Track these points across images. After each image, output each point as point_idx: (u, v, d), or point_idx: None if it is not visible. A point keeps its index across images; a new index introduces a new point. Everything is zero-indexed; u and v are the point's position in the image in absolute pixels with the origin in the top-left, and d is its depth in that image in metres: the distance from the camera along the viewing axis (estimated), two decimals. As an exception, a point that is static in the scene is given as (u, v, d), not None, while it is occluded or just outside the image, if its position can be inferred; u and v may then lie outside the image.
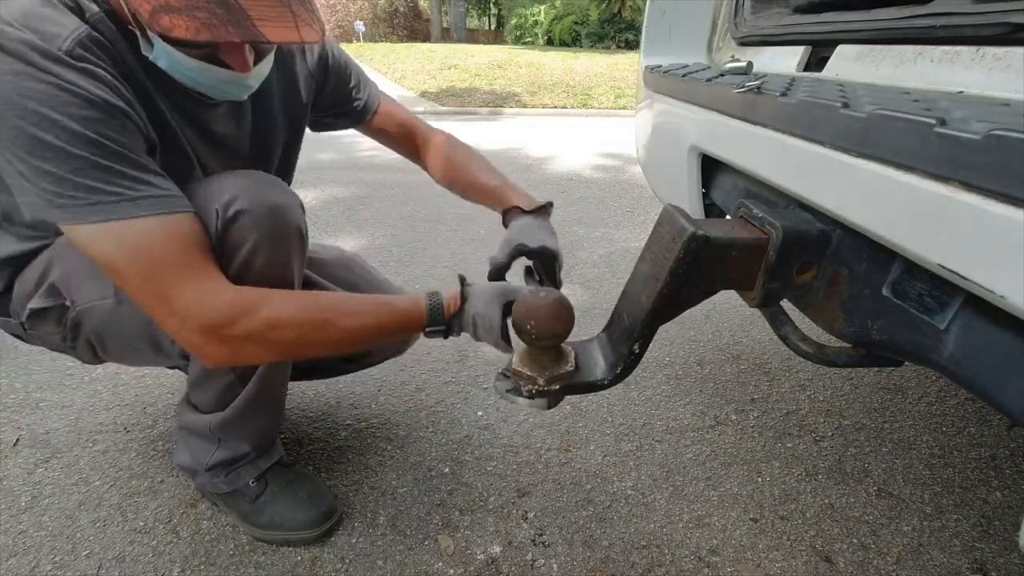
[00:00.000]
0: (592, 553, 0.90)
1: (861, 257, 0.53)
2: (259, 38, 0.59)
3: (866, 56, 0.70)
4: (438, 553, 0.89)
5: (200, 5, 0.56)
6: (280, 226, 0.72)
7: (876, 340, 0.52)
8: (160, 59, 0.64)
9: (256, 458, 0.90)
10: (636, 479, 1.05)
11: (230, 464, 0.89)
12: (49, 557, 0.86)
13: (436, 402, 1.25)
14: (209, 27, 0.56)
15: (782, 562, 0.89)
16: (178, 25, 0.56)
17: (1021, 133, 0.30)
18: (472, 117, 6.25)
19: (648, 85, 1.13)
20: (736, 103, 0.68)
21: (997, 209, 0.32)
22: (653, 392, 1.32)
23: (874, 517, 0.98)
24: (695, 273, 0.57)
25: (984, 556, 0.91)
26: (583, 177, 3.51)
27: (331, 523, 0.91)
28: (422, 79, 8.67)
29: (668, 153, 1.04)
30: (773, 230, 0.56)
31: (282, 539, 0.89)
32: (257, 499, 0.90)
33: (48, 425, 1.13)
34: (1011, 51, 0.50)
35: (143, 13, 0.57)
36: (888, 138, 0.41)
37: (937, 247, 0.38)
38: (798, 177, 0.56)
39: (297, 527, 0.89)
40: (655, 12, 1.21)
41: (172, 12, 0.56)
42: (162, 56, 0.63)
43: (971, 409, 1.27)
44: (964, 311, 0.42)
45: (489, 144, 4.51)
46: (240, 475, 0.89)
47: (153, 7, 0.56)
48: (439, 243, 2.27)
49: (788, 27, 0.89)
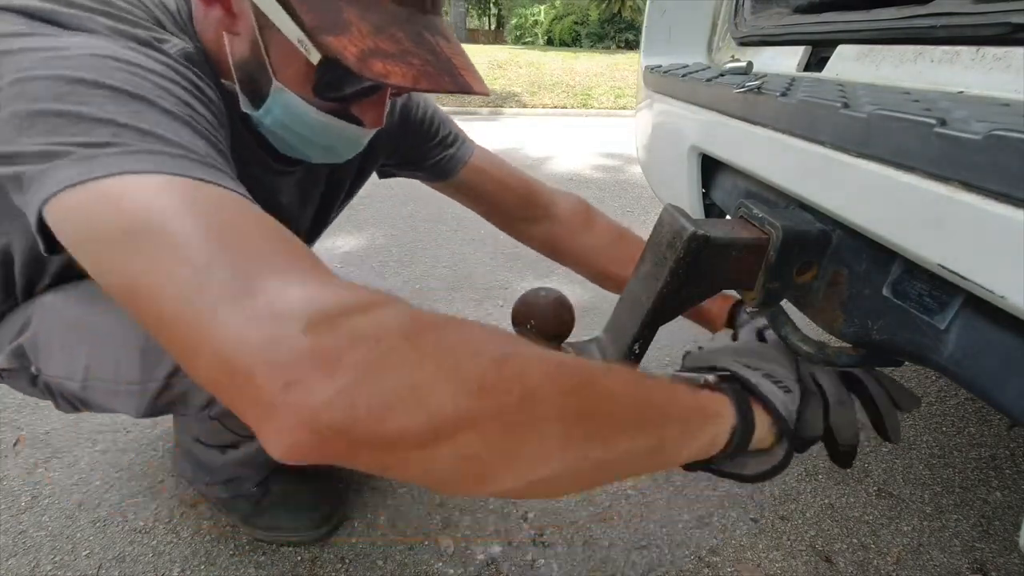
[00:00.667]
0: (592, 553, 0.90)
1: (861, 257, 0.53)
2: (468, 88, 0.53)
3: (866, 56, 0.70)
4: (438, 553, 0.89)
5: (411, 50, 0.51)
6: None
7: (876, 340, 0.52)
8: (273, 111, 0.56)
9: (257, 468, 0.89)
10: (636, 479, 1.05)
11: (231, 478, 0.88)
12: (49, 557, 0.86)
13: (436, 402, 1.25)
14: (426, 75, 0.50)
15: (782, 562, 0.89)
16: (393, 72, 0.49)
17: (1021, 133, 0.30)
18: (472, 117, 6.25)
19: (648, 85, 1.13)
20: (736, 103, 0.68)
21: (997, 209, 0.32)
22: (653, 392, 1.32)
23: (874, 517, 0.98)
24: (695, 273, 0.56)
25: (984, 556, 0.91)
26: (583, 177, 3.51)
27: (332, 525, 0.91)
28: (422, 79, 8.66)
29: (668, 153, 1.04)
30: (773, 230, 0.56)
31: (283, 540, 0.89)
32: (258, 503, 0.90)
33: (48, 425, 1.13)
34: (1011, 51, 0.50)
35: (348, 56, 0.48)
36: (888, 138, 0.41)
37: (937, 247, 0.38)
38: (798, 177, 0.56)
39: (298, 529, 0.89)
40: (655, 12, 1.21)
41: (386, 58, 0.49)
42: (277, 108, 0.55)
43: (971, 409, 1.27)
44: (964, 311, 0.42)
45: (490, 144, 4.51)
46: (241, 483, 0.89)
47: (361, 50, 0.49)
48: (439, 243, 2.27)
49: (788, 27, 0.89)
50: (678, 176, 1.00)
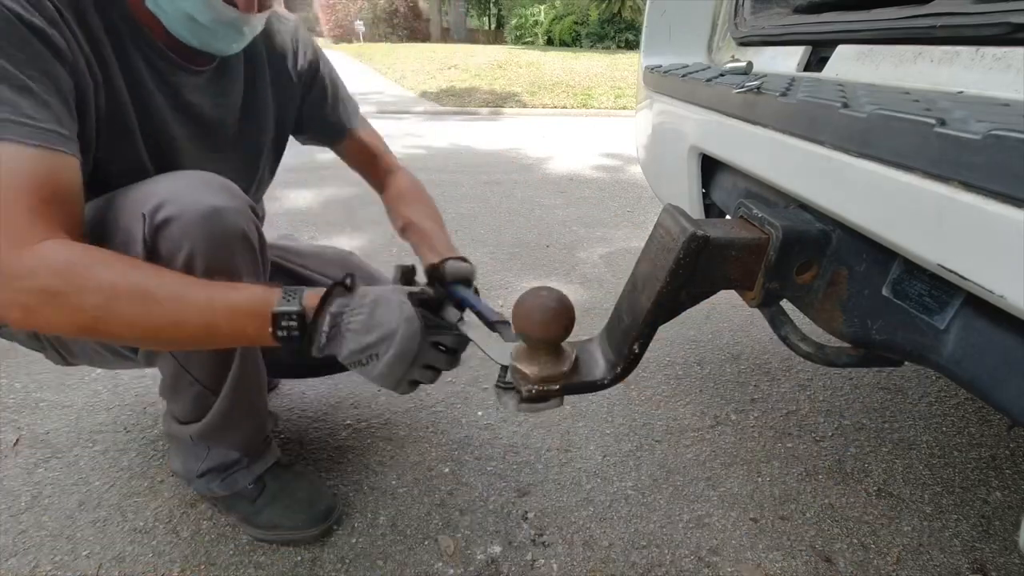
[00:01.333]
0: (592, 553, 0.90)
1: (861, 257, 0.53)
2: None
3: (866, 56, 0.70)
4: (438, 553, 0.89)
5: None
6: (217, 232, 0.65)
7: (876, 340, 0.52)
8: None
9: (250, 463, 0.89)
10: (636, 479, 1.05)
11: (222, 471, 0.88)
12: (49, 557, 0.86)
13: (436, 402, 1.25)
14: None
15: (782, 562, 0.89)
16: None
17: (1021, 133, 0.30)
18: (473, 117, 6.25)
19: (648, 85, 1.13)
20: (736, 103, 0.68)
21: (997, 209, 0.32)
22: (653, 392, 1.32)
23: (874, 517, 0.98)
24: (695, 273, 0.56)
25: (984, 556, 0.91)
26: (583, 177, 3.51)
27: (331, 522, 0.91)
28: (422, 79, 8.66)
29: (668, 153, 1.04)
30: (773, 230, 0.56)
31: (283, 539, 0.89)
32: (255, 501, 0.90)
33: (48, 425, 1.13)
34: (1011, 51, 0.50)
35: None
36: (888, 138, 0.41)
37: (937, 247, 0.38)
38: (798, 177, 0.56)
39: (297, 526, 0.89)
40: (655, 12, 1.21)
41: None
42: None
43: (971, 409, 1.27)
44: (964, 311, 0.42)
45: (490, 144, 4.51)
46: (236, 480, 0.89)
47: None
48: (439, 243, 2.27)
49: (788, 27, 0.89)
50: (678, 176, 1.00)
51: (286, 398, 1.25)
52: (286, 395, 1.26)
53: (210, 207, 0.65)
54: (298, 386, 1.28)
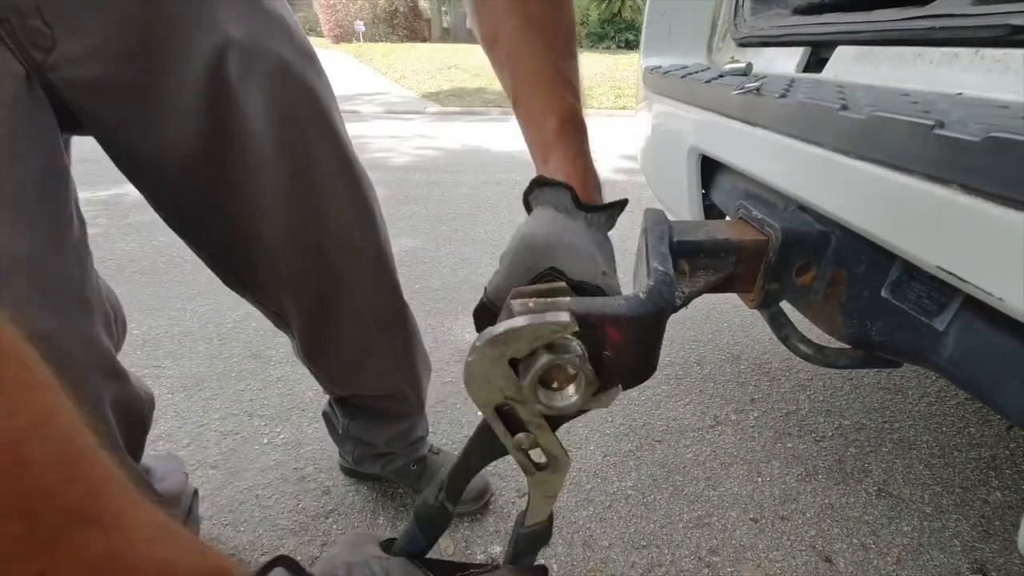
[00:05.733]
0: (592, 553, 0.90)
1: (860, 259, 0.53)
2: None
3: (865, 57, 0.70)
4: (438, 553, 0.89)
5: None
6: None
7: (875, 341, 0.52)
8: None
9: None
10: (636, 479, 1.05)
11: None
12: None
13: (436, 402, 1.25)
14: None
15: (782, 562, 0.89)
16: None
17: (1020, 135, 0.30)
18: (482, 118, 6.24)
19: (648, 86, 1.13)
20: (736, 104, 0.68)
21: (995, 211, 0.32)
22: (653, 392, 1.32)
23: (874, 517, 0.98)
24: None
25: (984, 556, 0.91)
26: (583, 177, 3.51)
27: (486, 499, 0.98)
28: (422, 79, 8.67)
29: (668, 154, 1.04)
30: (772, 231, 0.56)
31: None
32: (419, 479, 0.97)
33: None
34: (1010, 53, 0.50)
35: None
36: (887, 140, 0.41)
37: (936, 249, 0.38)
38: (797, 179, 0.56)
39: (464, 501, 0.93)
40: (655, 12, 1.21)
41: None
42: None
43: (971, 409, 1.27)
44: (963, 313, 0.43)
45: (493, 144, 4.51)
46: (396, 459, 0.96)
47: None
48: (439, 244, 2.27)
49: (787, 28, 0.89)
50: (678, 177, 1.00)
51: (287, 398, 1.25)
52: (287, 395, 1.26)
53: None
54: (298, 385, 1.28)
